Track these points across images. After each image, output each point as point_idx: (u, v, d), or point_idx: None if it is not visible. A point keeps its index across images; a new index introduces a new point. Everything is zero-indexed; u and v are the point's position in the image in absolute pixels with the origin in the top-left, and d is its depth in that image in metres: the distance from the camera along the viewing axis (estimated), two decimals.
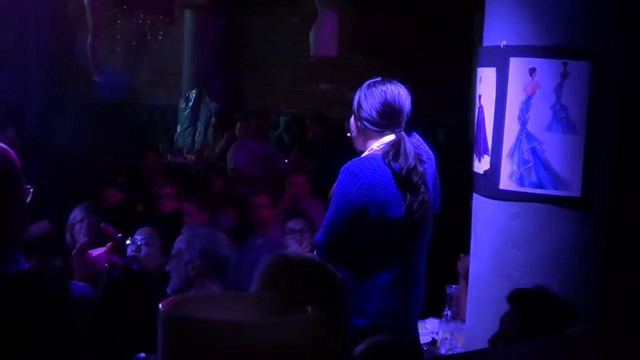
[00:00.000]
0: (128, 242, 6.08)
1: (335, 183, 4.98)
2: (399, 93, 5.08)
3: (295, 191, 8.76)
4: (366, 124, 5.07)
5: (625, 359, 2.35)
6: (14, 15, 10.22)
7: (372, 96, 5.08)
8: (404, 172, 4.96)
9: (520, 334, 3.98)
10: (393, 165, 4.96)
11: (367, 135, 5.11)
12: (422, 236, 5.13)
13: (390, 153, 4.98)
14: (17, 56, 10.41)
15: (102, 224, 3.90)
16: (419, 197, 4.98)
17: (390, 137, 5.02)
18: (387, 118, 5.05)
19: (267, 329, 1.77)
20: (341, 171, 4.98)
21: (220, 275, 5.73)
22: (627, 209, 4.67)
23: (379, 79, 5.15)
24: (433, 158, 5.22)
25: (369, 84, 5.13)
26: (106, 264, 3.88)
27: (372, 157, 5.02)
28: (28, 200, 3.43)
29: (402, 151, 4.99)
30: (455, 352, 5.63)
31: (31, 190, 3.45)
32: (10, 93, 10.08)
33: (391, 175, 4.95)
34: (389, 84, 5.10)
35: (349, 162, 5.01)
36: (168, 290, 5.57)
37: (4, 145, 3.39)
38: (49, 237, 7.43)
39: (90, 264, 3.80)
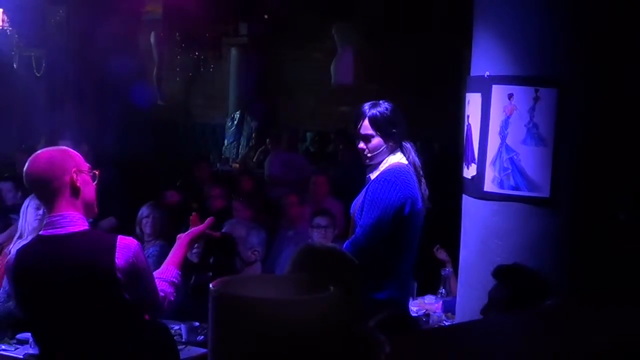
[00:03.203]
0: None
1: (373, 192, 4.73)
2: None
3: (317, 189, 8.73)
4: (399, 140, 4.83)
5: (590, 327, 2.34)
6: (95, 55, 10.27)
7: (402, 116, 4.88)
8: (419, 171, 4.85)
9: (504, 302, 3.94)
10: (414, 167, 4.85)
11: (392, 149, 4.83)
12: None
13: (411, 157, 4.86)
14: (98, 87, 10.45)
15: (192, 215, 3.97)
16: (426, 190, 4.88)
17: (398, 149, 4.90)
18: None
19: (298, 304, 1.76)
20: (380, 181, 4.75)
21: (261, 260, 5.73)
22: (587, 206, 4.65)
23: (382, 101, 4.87)
24: None
25: (391, 107, 4.83)
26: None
27: (400, 166, 4.79)
28: (94, 181, 3.59)
29: (414, 155, 4.89)
30: (442, 325, 5.60)
31: (97, 173, 3.61)
32: (92, 115, 10.14)
33: (415, 177, 4.82)
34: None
35: (385, 173, 4.77)
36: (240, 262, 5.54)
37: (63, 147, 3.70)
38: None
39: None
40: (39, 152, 3.55)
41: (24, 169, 3.50)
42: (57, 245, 3.43)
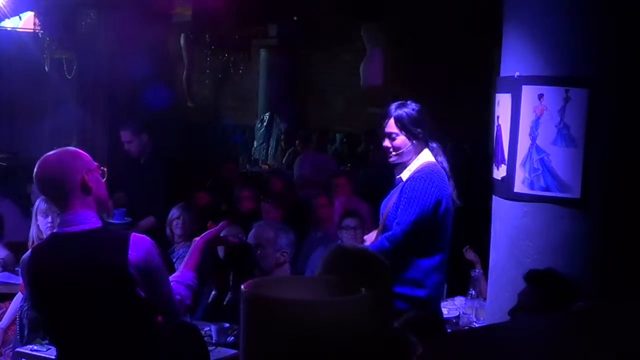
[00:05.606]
0: None
1: (411, 190, 4.76)
2: None
3: (339, 190, 8.69)
4: (424, 140, 4.87)
5: (621, 329, 2.32)
6: (125, 57, 10.32)
7: (428, 118, 4.91)
8: (448, 170, 4.88)
9: (535, 306, 3.94)
10: (445, 166, 4.88)
11: (418, 149, 4.88)
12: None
13: (439, 157, 4.89)
14: (128, 89, 10.50)
15: (208, 223, 3.98)
16: (454, 189, 4.90)
17: (426, 149, 4.92)
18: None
19: (330, 305, 1.77)
20: (416, 179, 4.78)
21: (290, 261, 5.72)
22: (618, 207, 4.62)
23: (409, 102, 4.92)
24: None
25: (418, 108, 4.88)
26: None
27: (432, 164, 4.85)
28: (104, 178, 3.61)
29: (442, 155, 4.92)
30: (473, 326, 5.58)
31: (105, 169, 3.63)
32: (122, 118, 10.17)
33: (446, 176, 4.87)
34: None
35: (420, 172, 4.81)
36: (258, 271, 5.52)
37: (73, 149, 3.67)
38: (154, 231, 7.41)
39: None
40: (47, 155, 3.55)
41: (34, 172, 3.52)
42: (71, 242, 3.47)
